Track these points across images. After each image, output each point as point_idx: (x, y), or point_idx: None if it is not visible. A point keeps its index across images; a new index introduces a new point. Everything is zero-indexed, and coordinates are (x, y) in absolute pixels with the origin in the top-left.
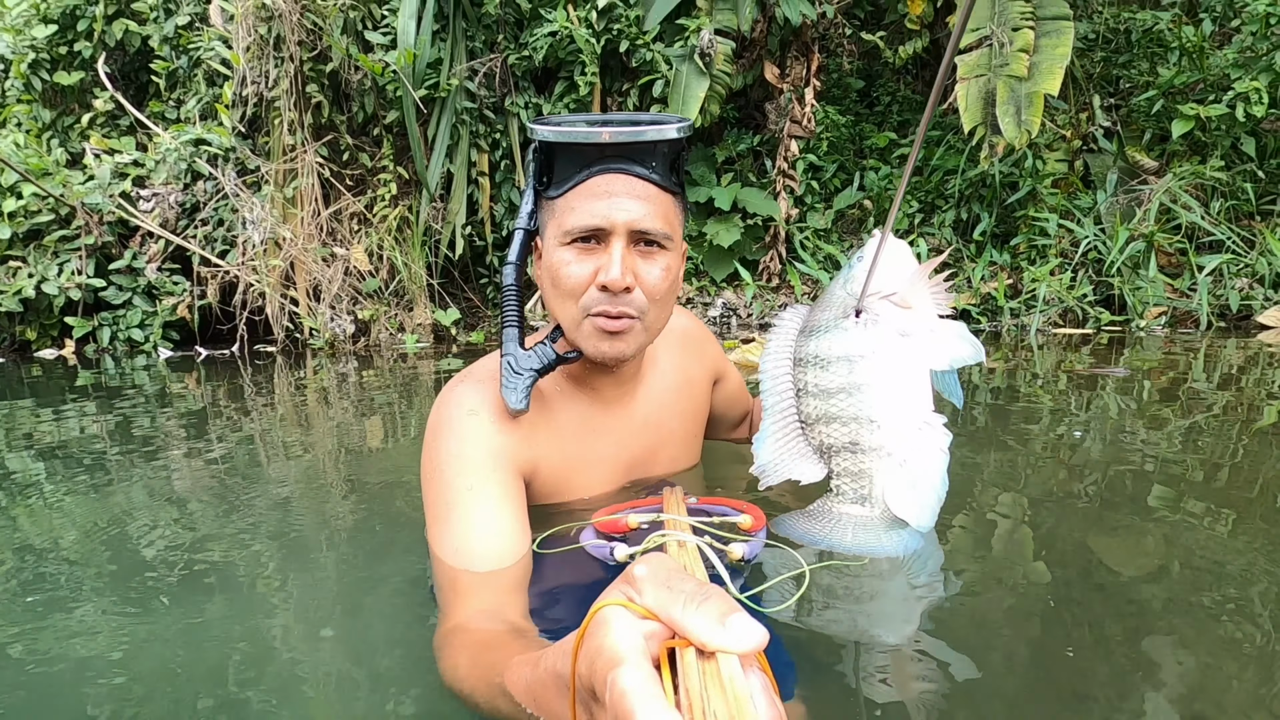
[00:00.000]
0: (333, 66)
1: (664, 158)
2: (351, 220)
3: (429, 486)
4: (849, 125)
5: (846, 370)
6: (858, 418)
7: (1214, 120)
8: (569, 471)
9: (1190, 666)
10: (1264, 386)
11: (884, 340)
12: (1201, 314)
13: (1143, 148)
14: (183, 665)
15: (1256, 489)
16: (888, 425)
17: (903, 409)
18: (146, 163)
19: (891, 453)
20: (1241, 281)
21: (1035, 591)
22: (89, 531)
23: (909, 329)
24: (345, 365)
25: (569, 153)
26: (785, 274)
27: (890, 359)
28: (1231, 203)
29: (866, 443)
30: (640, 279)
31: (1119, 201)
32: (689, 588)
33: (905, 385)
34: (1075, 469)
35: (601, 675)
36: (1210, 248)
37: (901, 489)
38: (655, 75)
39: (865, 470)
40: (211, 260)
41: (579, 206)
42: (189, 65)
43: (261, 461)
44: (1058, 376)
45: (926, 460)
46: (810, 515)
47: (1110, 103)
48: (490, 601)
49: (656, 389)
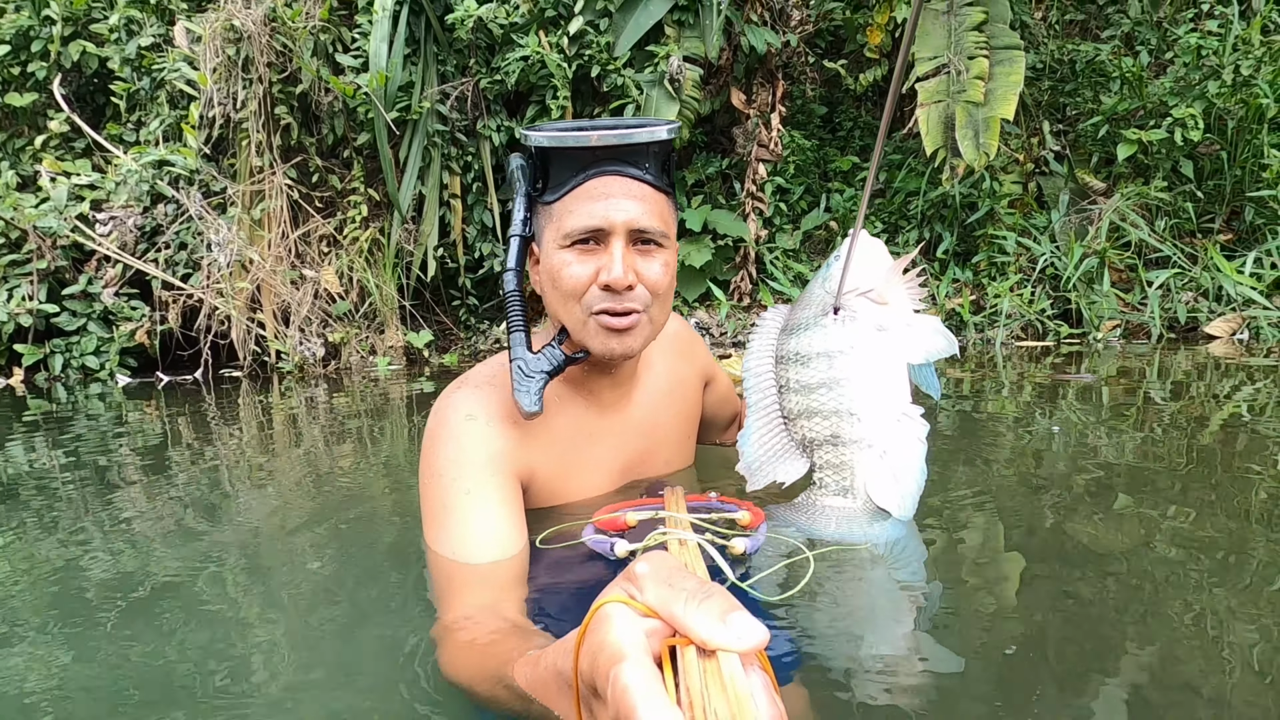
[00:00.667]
0: (302, 88)
1: (655, 159)
2: (321, 242)
3: (427, 490)
4: (814, 149)
5: (826, 366)
6: (838, 411)
7: (1155, 144)
8: (566, 475)
9: (1157, 657)
10: (1216, 393)
11: (862, 336)
12: (1154, 326)
13: (1091, 170)
14: (146, 707)
15: (1218, 485)
16: (867, 418)
17: (881, 402)
18: (105, 185)
19: (872, 444)
20: (1187, 295)
21: (1011, 585)
22: (39, 571)
23: (886, 324)
24: (315, 389)
25: (564, 158)
26: (756, 293)
27: (868, 354)
28: (1174, 221)
29: (847, 435)
30: (641, 276)
31: (1071, 221)
32: (690, 585)
33: (883, 379)
34: (1046, 471)
35: (603, 671)
36: (1157, 264)
37: (882, 480)
38: (626, 100)
39: (846, 462)
40: (174, 284)
41: (577, 209)
42: (151, 87)
43: (228, 491)
44: (1022, 386)
45: (906, 451)
46: (795, 508)
47: (1059, 128)
48: (488, 596)
49: (651, 391)
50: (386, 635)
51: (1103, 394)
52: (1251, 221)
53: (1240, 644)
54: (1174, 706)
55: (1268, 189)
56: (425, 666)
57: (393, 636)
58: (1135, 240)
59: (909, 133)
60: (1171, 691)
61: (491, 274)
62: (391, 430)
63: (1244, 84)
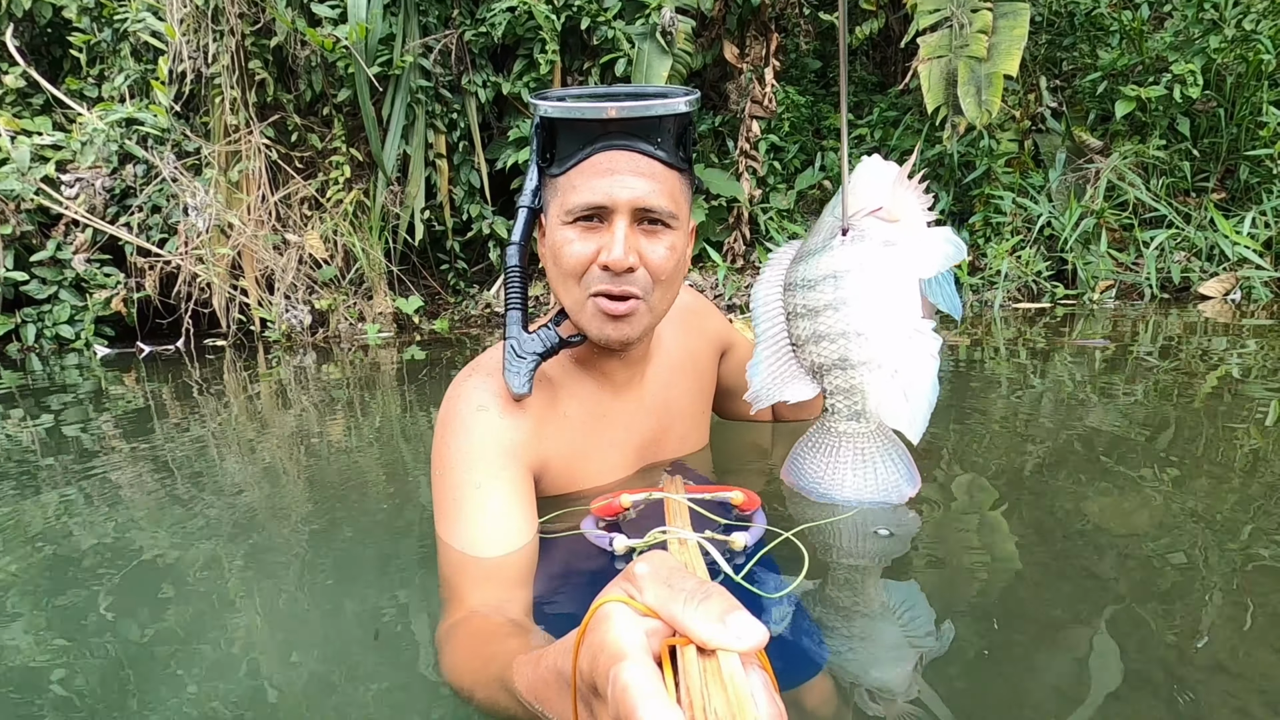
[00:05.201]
0: (277, 41)
1: (670, 133)
2: (303, 205)
3: (438, 482)
4: (808, 105)
5: (832, 287)
6: (845, 333)
7: (1153, 101)
8: (581, 459)
9: (1159, 619)
10: (1212, 353)
11: (868, 253)
12: (1149, 286)
13: (1087, 127)
14: (133, 681)
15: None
16: (875, 337)
17: (890, 319)
18: (70, 145)
19: (882, 364)
20: (1180, 255)
21: (1009, 554)
22: (23, 546)
23: (894, 239)
24: (304, 358)
25: (572, 129)
26: (751, 254)
27: (875, 271)
28: (1170, 180)
29: (856, 357)
30: (644, 258)
31: (1068, 180)
32: (690, 586)
33: (891, 295)
34: (1047, 431)
35: (603, 671)
36: (1152, 223)
37: (894, 399)
38: (617, 54)
39: (857, 385)
40: (149, 249)
41: (580, 184)
42: (113, 39)
43: (214, 465)
44: (1017, 349)
45: (917, 368)
46: (810, 446)
47: (1056, 84)
48: (494, 594)
49: (663, 368)
50: (375, 608)
51: (1127, 358)
52: (1246, 180)
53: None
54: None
55: (1265, 147)
56: (413, 642)
57: (381, 609)
58: (1131, 199)
59: (905, 89)
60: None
61: (480, 237)
62: (384, 399)
63: (1244, 39)
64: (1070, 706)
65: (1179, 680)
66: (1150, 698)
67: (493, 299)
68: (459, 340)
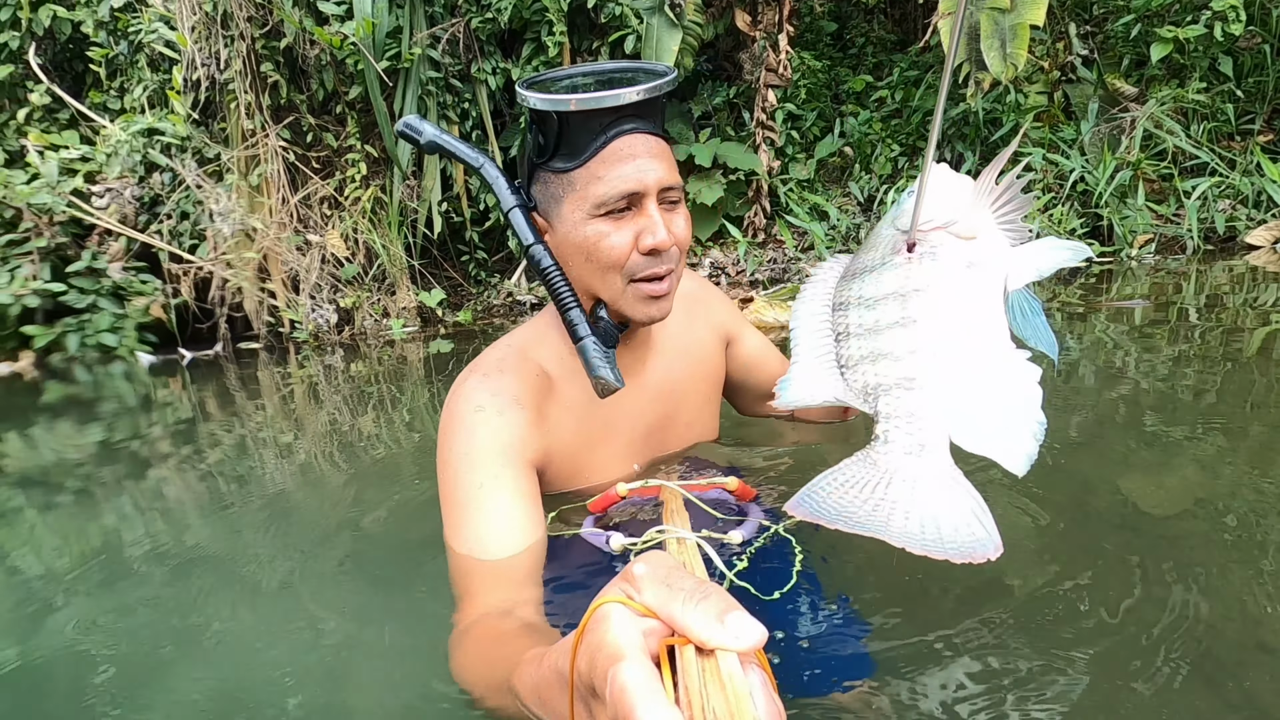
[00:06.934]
0: (287, 42)
1: (660, 109)
2: (323, 205)
3: (443, 485)
4: (825, 70)
5: (899, 307)
6: (915, 351)
7: (1192, 42)
8: (585, 450)
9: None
10: (1262, 305)
11: (945, 272)
12: (1191, 238)
13: (1121, 74)
14: (196, 680)
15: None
16: (956, 358)
17: (974, 341)
18: (96, 157)
19: (962, 388)
20: (1224, 203)
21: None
22: (83, 552)
23: (976, 259)
24: (332, 357)
25: (584, 120)
26: (772, 228)
27: (954, 290)
28: (1212, 125)
29: (927, 377)
30: (674, 234)
31: (1101, 131)
32: (688, 585)
33: (975, 317)
34: (1086, 400)
35: (602, 671)
36: (1193, 171)
37: (982, 426)
38: (625, 30)
39: (924, 411)
40: (181, 256)
41: (606, 174)
42: (130, 50)
43: (256, 467)
44: (1053, 312)
45: (1016, 395)
46: (841, 481)
47: (1086, 30)
48: (503, 597)
49: (666, 353)
50: (415, 614)
51: (1136, 316)
52: None
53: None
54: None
55: None
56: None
57: (420, 616)
58: (1170, 148)
59: (925, 47)
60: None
61: (498, 225)
62: (413, 393)
63: None
64: (1114, 693)
65: (1224, 664)
66: (1197, 683)
67: (514, 287)
68: (483, 330)
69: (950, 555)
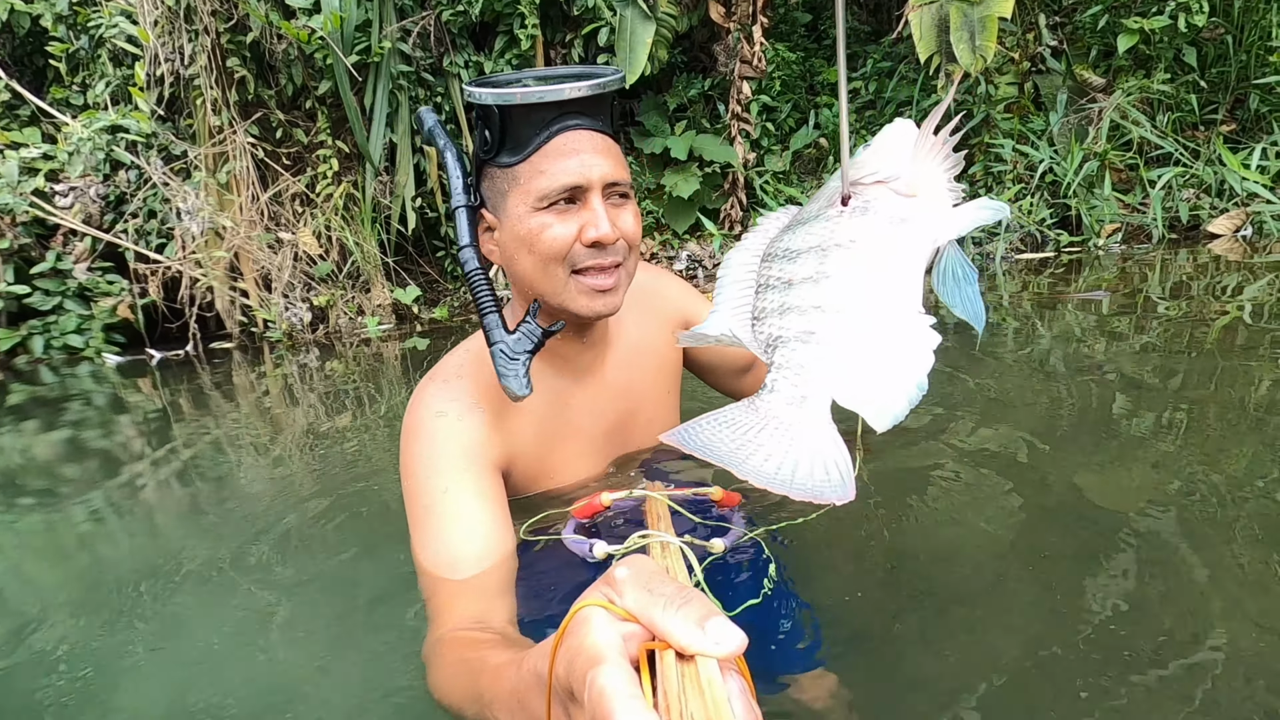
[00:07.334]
0: (253, 37)
1: (609, 108)
2: (294, 202)
3: (406, 493)
4: (799, 62)
5: (817, 260)
6: (820, 306)
7: (1157, 33)
8: (548, 451)
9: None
10: (1224, 292)
11: (872, 228)
12: (1156, 227)
13: (1089, 65)
14: (165, 684)
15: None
16: (857, 316)
17: (880, 302)
18: (58, 155)
19: (856, 347)
20: (1188, 192)
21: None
22: (55, 551)
23: (906, 216)
24: (306, 356)
25: (526, 115)
26: (748, 220)
27: (875, 246)
28: (1177, 115)
29: (824, 333)
30: (620, 228)
31: (1070, 121)
32: (669, 591)
33: (889, 277)
34: (1054, 390)
35: (580, 674)
36: (1158, 161)
37: (861, 381)
38: (599, 23)
39: (812, 364)
40: (148, 255)
41: (549, 168)
42: (91, 45)
43: (231, 468)
44: (1022, 302)
45: (906, 358)
46: (722, 421)
47: (1055, 21)
48: (476, 608)
49: (623, 350)
50: (393, 611)
51: (1102, 305)
52: (1256, 110)
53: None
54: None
55: (1275, 74)
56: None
57: (399, 615)
58: (1136, 138)
59: (898, 38)
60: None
61: None
62: (389, 392)
63: None
64: (1069, 690)
65: (1167, 659)
66: (1148, 676)
67: (492, 278)
68: (460, 327)
69: (795, 493)
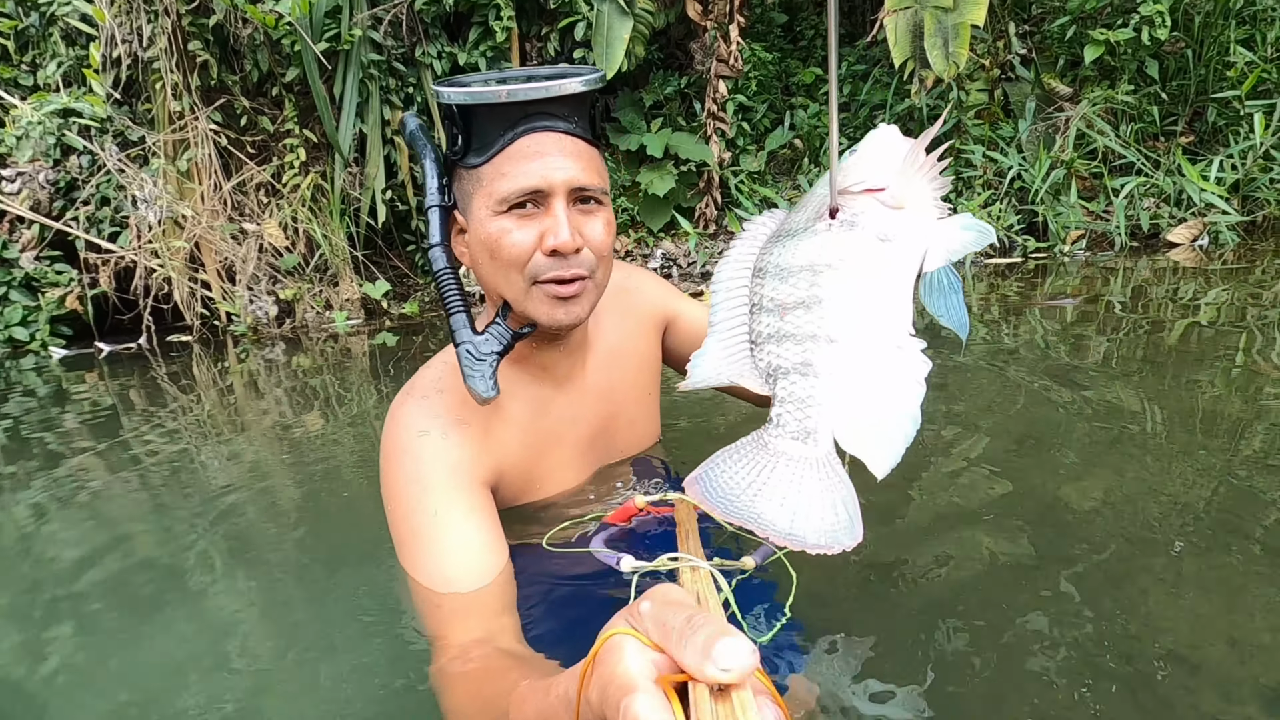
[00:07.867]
0: (216, 19)
1: (584, 110)
2: (259, 192)
3: (393, 514)
4: (775, 62)
5: (808, 282)
6: (814, 335)
7: (1122, 45)
8: (533, 460)
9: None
10: (1180, 299)
11: (858, 246)
12: (1118, 235)
13: (1056, 74)
14: (110, 679)
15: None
16: (850, 346)
17: (872, 328)
18: (5, 139)
19: (852, 379)
20: (1149, 202)
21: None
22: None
23: (892, 232)
24: (272, 350)
25: (489, 115)
26: (722, 219)
27: (862, 268)
28: (1139, 125)
29: (821, 365)
30: (586, 237)
31: (1038, 129)
32: (678, 622)
33: (880, 300)
34: (1021, 397)
35: (614, 702)
36: (1121, 170)
37: (860, 424)
38: (575, 17)
39: (814, 398)
40: (100, 245)
41: (510, 170)
42: (42, 23)
43: (187, 463)
44: (990, 305)
45: (896, 391)
46: (736, 457)
47: (1025, 30)
48: (481, 628)
49: (602, 354)
50: (360, 600)
51: (1100, 310)
52: (1214, 122)
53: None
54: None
55: (1232, 89)
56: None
57: (364, 601)
58: (1101, 147)
59: (873, 41)
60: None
61: None
62: (358, 388)
63: None
64: (1042, 699)
65: (1140, 668)
66: (1113, 685)
67: (463, 277)
68: (431, 323)
69: (811, 549)
